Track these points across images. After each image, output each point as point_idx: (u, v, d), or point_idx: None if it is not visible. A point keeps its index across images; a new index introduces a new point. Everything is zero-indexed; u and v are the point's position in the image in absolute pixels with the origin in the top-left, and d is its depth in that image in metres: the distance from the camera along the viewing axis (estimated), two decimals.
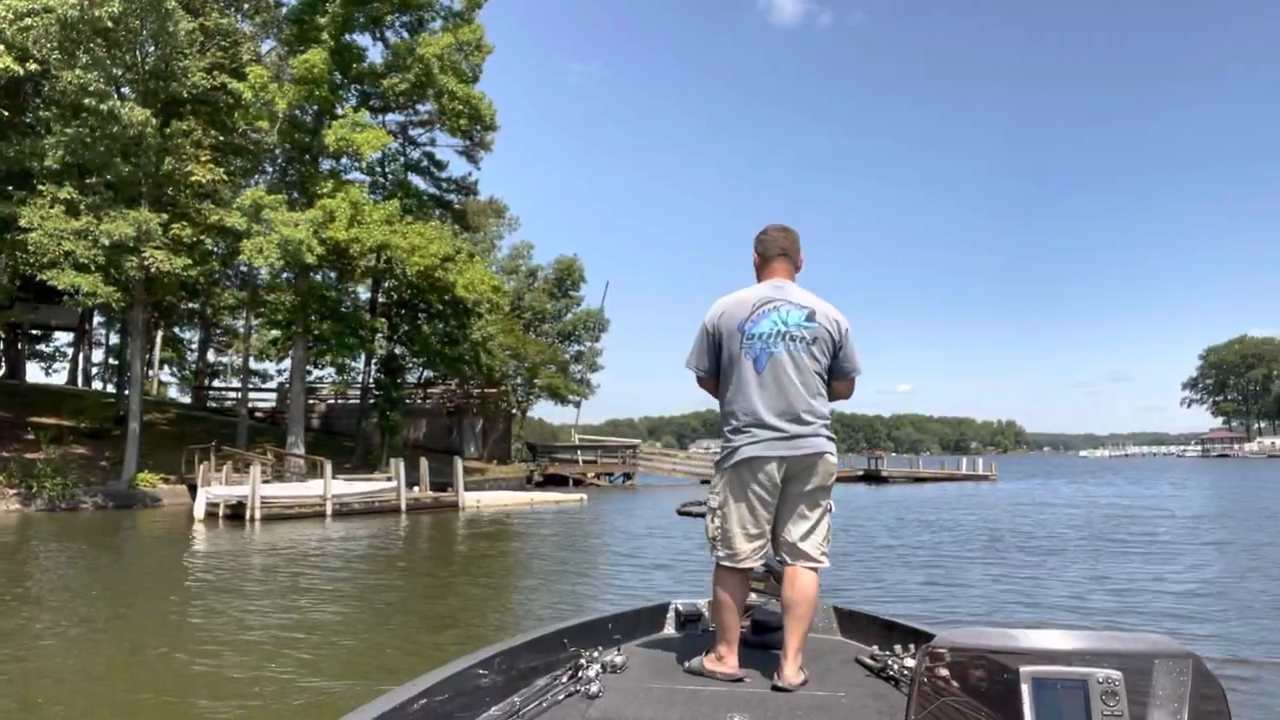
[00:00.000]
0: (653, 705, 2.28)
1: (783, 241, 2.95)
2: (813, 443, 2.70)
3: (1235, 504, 25.23)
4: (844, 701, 2.32)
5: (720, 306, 2.86)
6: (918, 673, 1.51)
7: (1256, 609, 8.87)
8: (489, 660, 2.38)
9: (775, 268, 2.93)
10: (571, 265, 46.72)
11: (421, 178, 35.49)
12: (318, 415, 38.04)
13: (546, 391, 43.85)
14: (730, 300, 2.86)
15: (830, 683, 2.51)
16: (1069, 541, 15.28)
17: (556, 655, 2.69)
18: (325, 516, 20.88)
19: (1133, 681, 1.38)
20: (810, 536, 2.72)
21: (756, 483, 2.69)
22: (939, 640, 1.52)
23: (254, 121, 26.41)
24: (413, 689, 2.06)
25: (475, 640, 7.48)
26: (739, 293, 2.88)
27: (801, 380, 2.73)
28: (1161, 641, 1.44)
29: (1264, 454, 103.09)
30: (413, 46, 29.39)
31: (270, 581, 11.26)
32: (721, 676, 2.57)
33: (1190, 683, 1.38)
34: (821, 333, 2.77)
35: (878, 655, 2.67)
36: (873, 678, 2.56)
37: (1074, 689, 1.40)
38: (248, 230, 25.26)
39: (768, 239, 2.98)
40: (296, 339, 29.90)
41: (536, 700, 2.27)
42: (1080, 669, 1.40)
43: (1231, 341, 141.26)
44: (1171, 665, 1.39)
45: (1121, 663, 1.40)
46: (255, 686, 6.04)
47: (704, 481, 41.62)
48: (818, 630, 3.08)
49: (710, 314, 2.86)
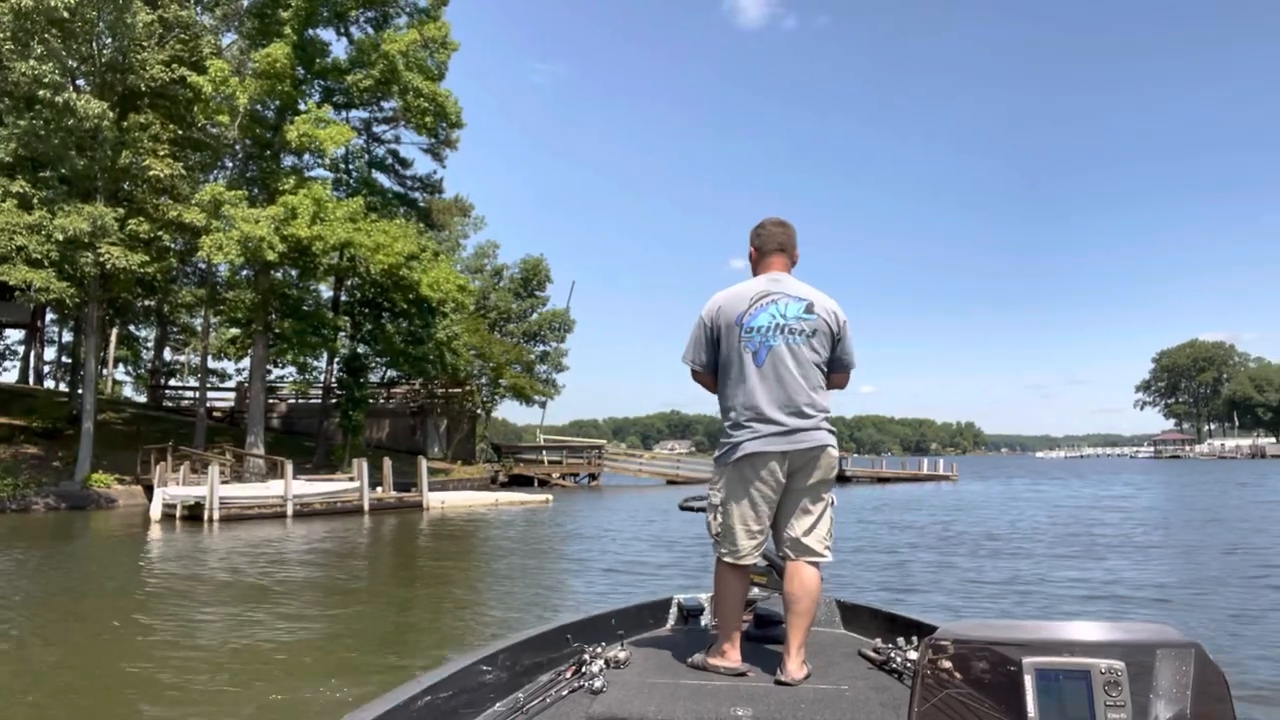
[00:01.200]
0: (656, 700, 2.28)
1: (780, 236, 2.92)
2: (815, 436, 2.68)
3: (1188, 504, 25.84)
4: (847, 694, 2.32)
5: (717, 301, 2.83)
6: (920, 665, 1.51)
7: (1214, 605, 9.07)
8: (493, 656, 2.39)
9: (772, 261, 2.90)
10: (537, 265, 46.55)
11: (386, 175, 35.20)
12: (278, 415, 37.51)
13: (512, 392, 43.63)
14: (727, 294, 2.82)
15: (833, 676, 2.52)
16: (1047, 541, 15.50)
17: (560, 651, 2.70)
18: (286, 517, 20.57)
19: (1135, 672, 1.39)
20: (813, 531, 2.71)
21: (759, 479, 2.67)
22: (941, 632, 1.51)
23: (214, 116, 25.96)
24: (416, 685, 2.06)
25: (435, 644, 7.39)
26: (736, 286, 2.85)
27: (802, 373, 2.71)
28: (1164, 631, 1.45)
29: (1214, 455, 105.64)
30: (377, 42, 29.09)
31: (226, 585, 11.02)
32: (725, 670, 2.56)
33: (1193, 673, 1.38)
34: (820, 325, 2.75)
35: (880, 648, 2.68)
36: (875, 670, 2.57)
37: (1077, 679, 1.40)
38: (207, 226, 24.84)
39: (765, 233, 2.93)
40: (256, 337, 29.45)
41: (540, 696, 2.27)
42: (1083, 659, 1.41)
43: (1183, 345, 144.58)
44: (1174, 655, 1.40)
45: (1124, 653, 1.40)
46: (202, 696, 5.82)
47: (671, 482, 41.75)
48: (820, 623, 3.10)
49: (707, 308, 2.83)
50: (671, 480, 42.39)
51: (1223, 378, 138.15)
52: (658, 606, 3.34)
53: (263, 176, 28.24)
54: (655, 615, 3.30)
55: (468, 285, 33.56)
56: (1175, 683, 1.38)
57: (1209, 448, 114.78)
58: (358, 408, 32.33)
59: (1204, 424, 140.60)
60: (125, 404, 39.51)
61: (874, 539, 15.74)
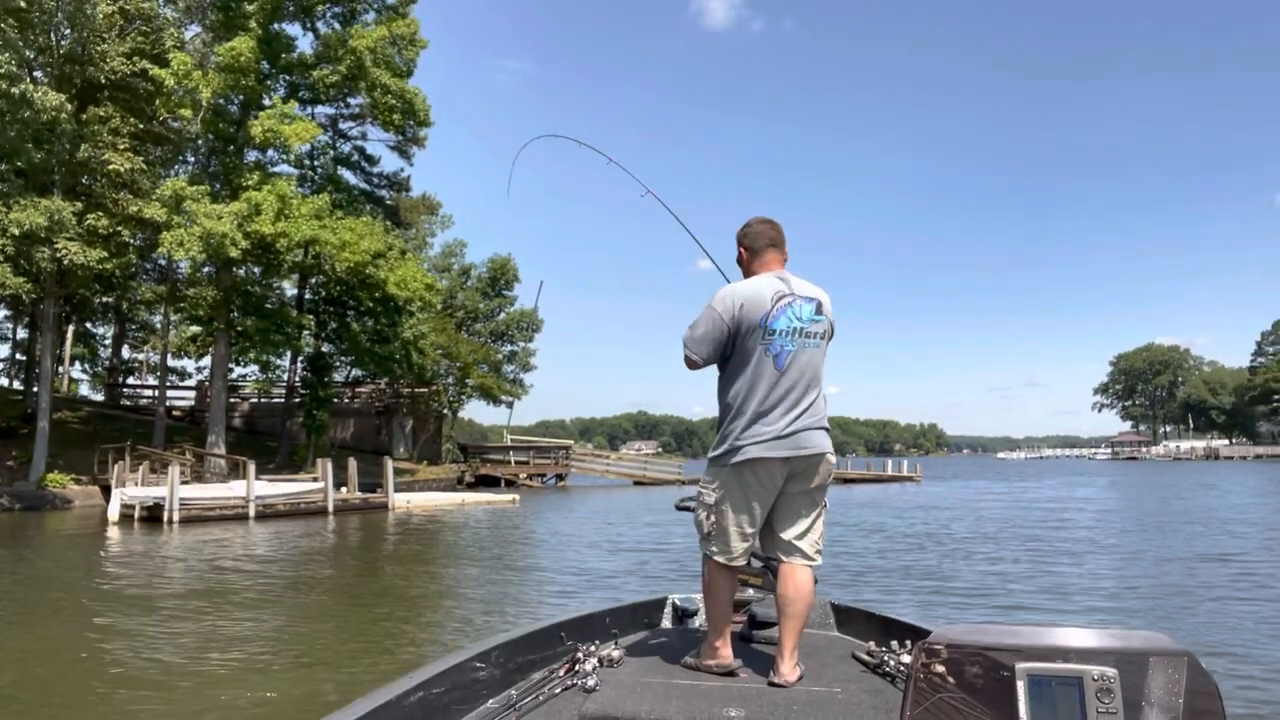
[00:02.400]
0: (649, 699, 2.28)
1: (770, 233, 2.87)
2: (818, 443, 2.67)
3: (1149, 504, 26.35)
4: (840, 697, 2.33)
5: (739, 296, 2.71)
6: (914, 669, 1.52)
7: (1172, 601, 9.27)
8: (486, 653, 2.39)
9: (769, 259, 2.84)
10: (505, 264, 46.31)
11: (352, 172, 34.83)
12: (240, 414, 36.94)
13: (479, 391, 43.36)
14: (749, 291, 2.72)
15: (826, 678, 2.52)
16: (1012, 542, 15.71)
17: (553, 649, 2.70)
18: (248, 518, 20.27)
19: (1128, 679, 1.40)
20: (807, 535, 2.70)
21: (759, 483, 2.64)
22: (935, 636, 1.52)
23: (176, 110, 25.51)
24: (410, 681, 2.06)
25: (397, 650, 7.25)
26: (753, 283, 2.76)
27: (815, 379, 2.70)
28: (1157, 639, 1.46)
29: (1169, 457, 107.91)
30: (344, 38, 28.78)
31: (184, 587, 10.81)
32: (716, 669, 2.56)
33: (1185, 680, 1.39)
34: (826, 325, 2.76)
35: (874, 651, 2.69)
36: (869, 674, 2.57)
37: (1069, 686, 1.41)
38: (168, 222, 24.40)
39: (754, 232, 2.88)
40: (218, 335, 29.00)
41: (533, 693, 2.27)
42: (1076, 666, 1.42)
43: (1140, 349, 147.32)
44: (1166, 663, 1.41)
45: (1117, 660, 1.41)
46: (152, 705, 5.65)
47: (638, 483, 41.74)
48: (814, 626, 3.12)
49: (728, 303, 2.70)
50: (639, 481, 42.39)
51: (1178, 381, 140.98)
52: (652, 606, 3.34)
53: (225, 172, 27.80)
54: (649, 615, 3.31)
55: (435, 284, 33.29)
56: (1167, 690, 1.39)
57: (1164, 449, 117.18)
58: (322, 407, 31.95)
59: (1160, 426, 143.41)
60: (82, 402, 38.68)
61: (844, 541, 15.85)
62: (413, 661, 6.25)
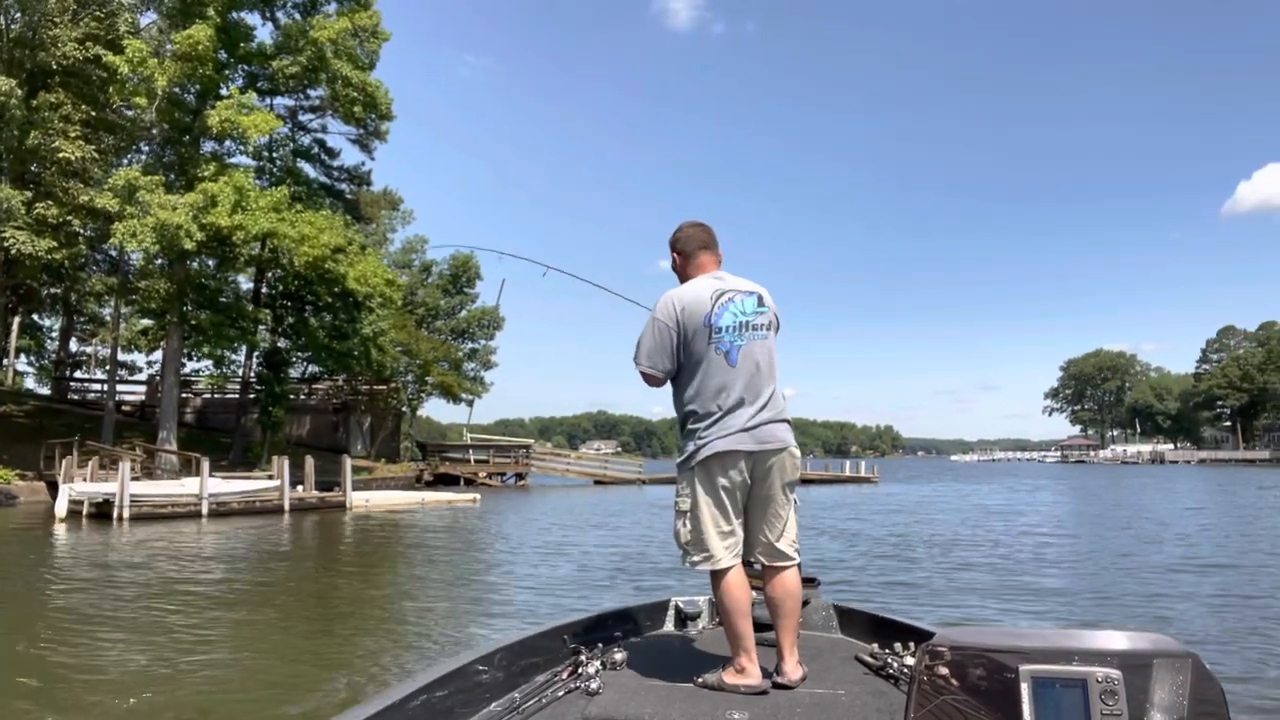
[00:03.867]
0: (652, 702, 2.27)
1: (701, 235, 2.87)
2: (780, 436, 2.67)
3: (1100, 506, 26.95)
4: (843, 699, 2.33)
5: (678, 301, 2.70)
6: (917, 671, 1.51)
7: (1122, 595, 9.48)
8: (489, 656, 2.37)
9: (703, 261, 2.83)
10: (467, 262, 45.94)
11: (311, 165, 34.31)
12: (192, 410, 36.14)
13: (439, 389, 42.96)
14: (687, 294, 2.71)
15: (829, 681, 2.51)
16: (985, 546, 15.93)
17: (557, 652, 2.68)
18: (201, 516, 19.84)
19: (1132, 681, 1.39)
20: (784, 534, 2.70)
21: (726, 478, 2.61)
22: (939, 639, 1.52)
23: (130, 98, 24.89)
24: (413, 684, 2.05)
25: (352, 658, 6.99)
26: (690, 286, 2.75)
27: (769, 371, 2.69)
28: (1161, 641, 1.46)
29: (1116, 460, 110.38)
30: (305, 28, 28.34)
31: (133, 587, 10.53)
32: (745, 690, 2.43)
33: (1189, 682, 1.39)
34: (770, 316, 2.75)
35: (877, 653, 2.69)
36: (872, 676, 2.57)
37: (1073, 688, 1.41)
38: (120, 212, 23.80)
39: (685, 236, 2.88)
40: (170, 329, 28.36)
41: (536, 696, 2.27)
42: (1079, 668, 1.42)
43: (1089, 354, 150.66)
44: (1171, 665, 1.41)
45: (1121, 662, 1.41)
46: (98, 712, 5.44)
47: (599, 482, 41.67)
48: (817, 628, 3.13)
49: (667, 310, 2.69)
50: (599, 480, 42.32)
51: (1125, 386, 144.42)
52: (655, 609, 3.32)
53: (181, 162, 27.19)
54: (652, 617, 3.29)
55: (396, 280, 32.90)
56: (1171, 692, 1.39)
57: (1112, 453, 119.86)
58: (278, 404, 31.42)
59: (1107, 430, 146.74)
60: (27, 396, 37.55)
61: (812, 545, 15.93)
62: (360, 681, 6.12)
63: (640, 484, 42.02)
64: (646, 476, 44.25)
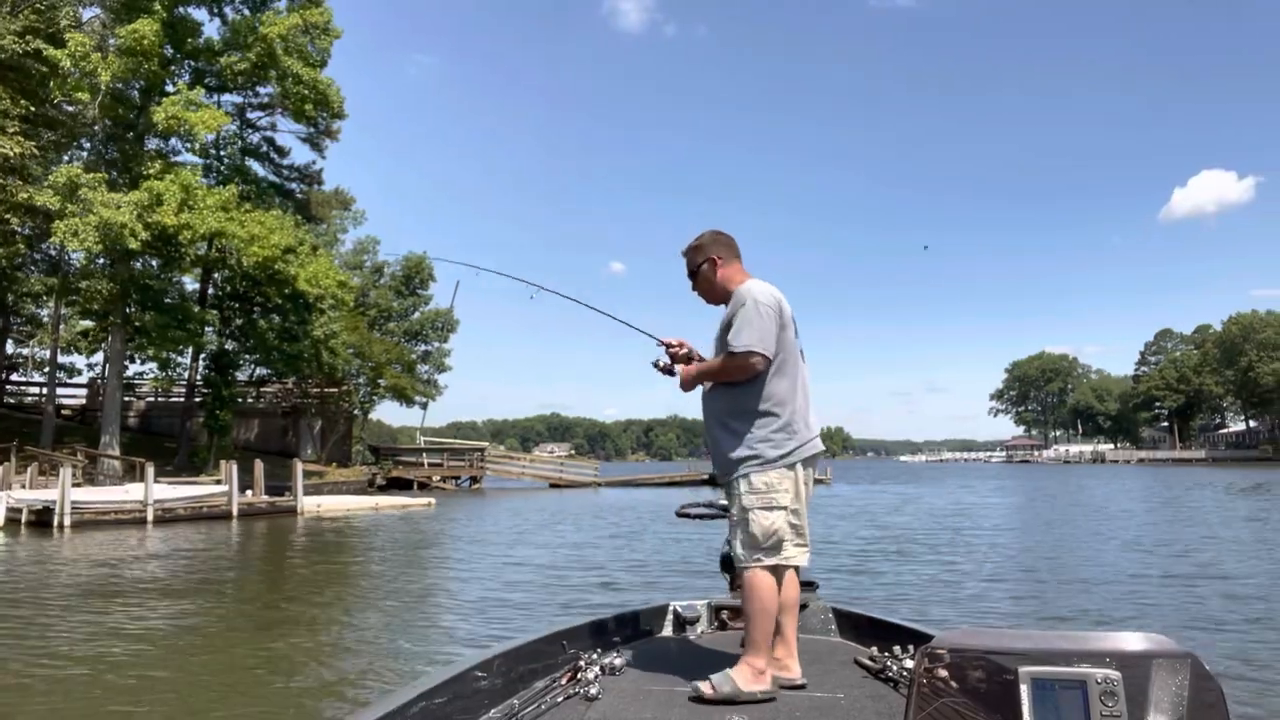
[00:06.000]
0: (651, 707, 2.27)
1: (733, 243, 2.94)
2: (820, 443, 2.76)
3: (1046, 506, 27.59)
4: (843, 703, 2.34)
5: (775, 293, 2.74)
6: (917, 674, 1.51)
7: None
8: (488, 662, 2.36)
9: (739, 267, 2.89)
10: (420, 263, 45.39)
11: (261, 164, 33.67)
12: (135, 414, 35.19)
13: (392, 392, 42.40)
14: (773, 288, 2.76)
15: (829, 684, 2.52)
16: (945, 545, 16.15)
17: (556, 657, 2.68)
18: (146, 523, 19.32)
19: (1131, 681, 1.40)
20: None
21: (810, 478, 2.70)
22: (938, 641, 1.52)
23: (72, 93, 24.22)
24: (411, 691, 2.03)
25: (302, 671, 6.74)
26: (764, 283, 2.79)
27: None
28: (1160, 641, 1.47)
29: (1059, 460, 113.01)
30: (255, 24, 27.80)
31: (73, 597, 10.21)
32: (762, 697, 2.39)
33: (1189, 683, 1.40)
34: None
35: (876, 656, 2.71)
36: (871, 679, 2.58)
37: (1072, 689, 1.41)
38: (61, 210, 23.11)
39: (723, 241, 2.92)
40: (113, 330, 27.61)
41: (535, 702, 2.25)
42: (1079, 669, 1.42)
43: (1033, 357, 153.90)
44: (1170, 665, 1.42)
45: (1120, 663, 1.42)
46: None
47: (554, 485, 41.46)
48: (816, 631, 3.14)
49: (772, 299, 2.71)
50: (555, 484, 42.14)
51: (1068, 388, 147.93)
52: (654, 613, 3.32)
53: (125, 159, 26.50)
54: (651, 623, 3.29)
55: (348, 281, 32.40)
56: (1171, 693, 1.40)
57: (1055, 453, 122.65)
58: (225, 407, 30.76)
59: (1050, 430, 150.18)
60: None
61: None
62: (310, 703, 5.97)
63: (597, 487, 41.95)
64: (603, 479, 44.20)
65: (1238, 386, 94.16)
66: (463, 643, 7.55)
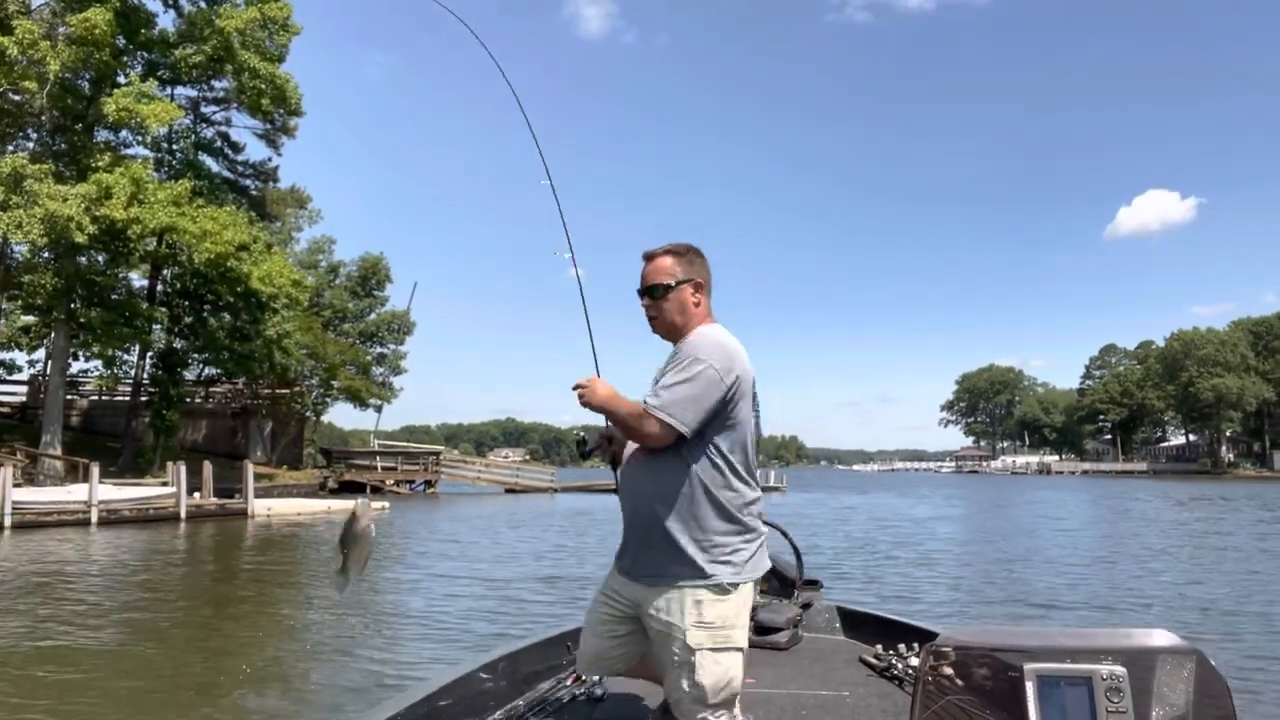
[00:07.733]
0: (656, 707, 2.25)
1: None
2: None
3: (999, 516, 28.12)
4: (848, 701, 2.34)
5: (740, 353, 2.16)
6: (922, 671, 1.51)
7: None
8: (493, 664, 2.36)
9: (709, 305, 2.32)
10: (377, 264, 44.90)
11: (214, 159, 32.95)
12: (78, 412, 34.12)
13: (346, 394, 41.76)
14: (739, 347, 2.19)
15: (834, 682, 2.52)
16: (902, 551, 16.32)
17: (560, 659, 2.67)
18: (90, 525, 18.76)
19: (1137, 677, 1.40)
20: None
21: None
22: (943, 639, 1.52)
23: (19, 81, 23.48)
24: (418, 693, 2.03)
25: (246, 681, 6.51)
26: (730, 336, 2.22)
27: None
28: (1166, 637, 1.47)
29: (1007, 471, 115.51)
30: (211, 17, 27.25)
31: (10, 601, 9.84)
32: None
33: (1195, 678, 1.41)
34: None
35: (881, 655, 2.71)
36: (876, 677, 2.58)
37: (1078, 685, 1.41)
38: (5, 202, 22.42)
39: (707, 269, 2.32)
40: (56, 326, 26.81)
41: (540, 703, 2.27)
42: (1084, 665, 1.42)
43: (982, 369, 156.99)
44: (1176, 661, 1.42)
45: (1126, 659, 1.41)
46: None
47: (510, 490, 41.15)
48: (820, 630, 3.13)
49: (730, 363, 2.11)
50: (510, 489, 41.83)
51: (1015, 400, 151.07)
52: None
53: (73, 151, 25.77)
54: None
55: (303, 280, 31.84)
56: (1177, 688, 1.40)
57: (1003, 464, 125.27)
58: (172, 407, 29.99)
59: (998, 441, 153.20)
60: None
61: None
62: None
63: (553, 492, 41.75)
64: (559, 485, 43.98)
65: (1179, 401, 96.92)
66: (424, 649, 7.42)
